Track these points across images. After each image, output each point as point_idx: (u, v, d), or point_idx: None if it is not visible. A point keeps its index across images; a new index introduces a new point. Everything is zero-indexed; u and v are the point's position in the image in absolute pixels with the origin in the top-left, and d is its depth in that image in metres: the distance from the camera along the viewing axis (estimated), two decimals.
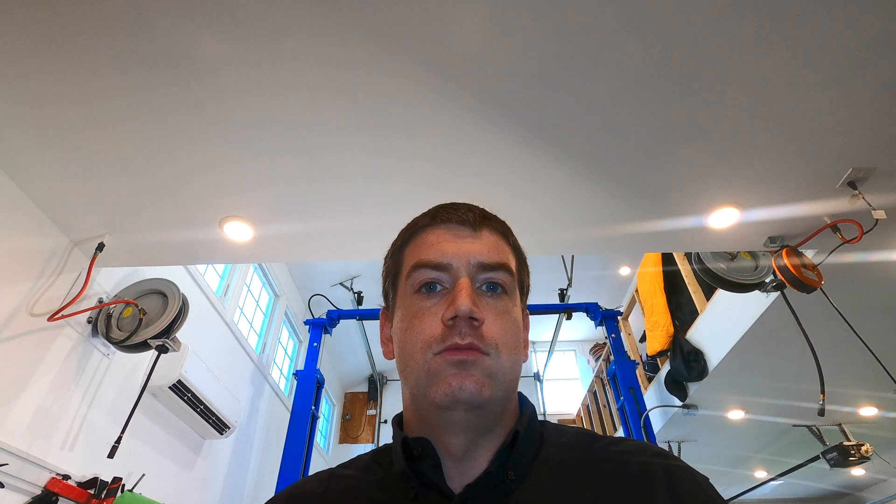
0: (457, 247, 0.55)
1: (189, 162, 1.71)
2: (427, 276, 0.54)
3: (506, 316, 0.53)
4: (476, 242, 0.55)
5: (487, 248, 0.55)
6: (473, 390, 0.48)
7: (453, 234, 0.56)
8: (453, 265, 0.53)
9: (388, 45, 1.36)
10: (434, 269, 0.54)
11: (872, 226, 1.79)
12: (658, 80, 1.46)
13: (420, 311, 0.53)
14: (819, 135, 1.62)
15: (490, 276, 0.54)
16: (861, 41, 1.34)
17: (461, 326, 0.50)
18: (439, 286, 0.53)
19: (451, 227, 0.57)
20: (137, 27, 1.30)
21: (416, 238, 0.58)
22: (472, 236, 0.56)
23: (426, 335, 0.51)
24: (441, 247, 0.55)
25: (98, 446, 2.16)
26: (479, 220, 0.57)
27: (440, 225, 0.57)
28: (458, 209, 0.58)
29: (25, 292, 1.85)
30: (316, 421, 3.94)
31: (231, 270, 3.80)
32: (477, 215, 0.58)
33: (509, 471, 0.50)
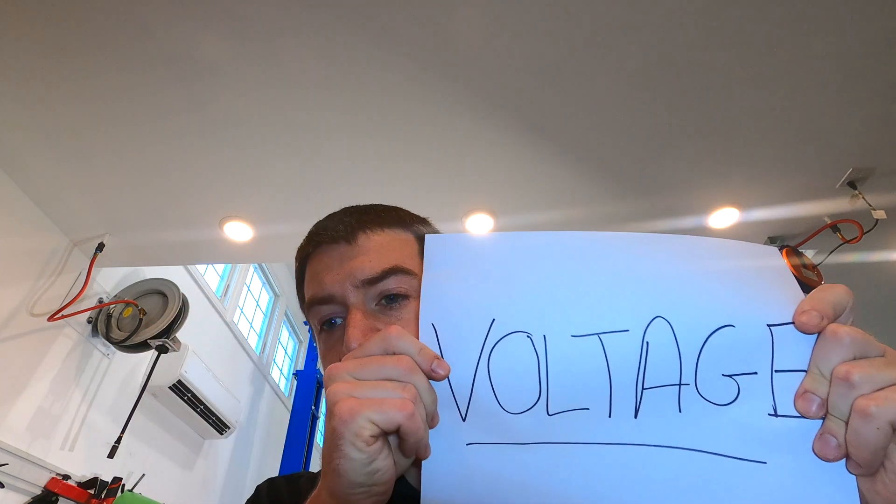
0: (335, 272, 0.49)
1: (189, 162, 1.71)
2: (320, 314, 0.50)
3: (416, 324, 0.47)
4: (354, 258, 0.49)
5: (368, 259, 0.49)
6: None
7: (329, 258, 0.51)
8: (336, 294, 0.48)
9: (389, 45, 1.36)
10: (322, 304, 0.49)
11: (872, 226, 1.79)
12: (658, 81, 1.46)
13: (326, 352, 0.50)
14: (819, 135, 1.62)
15: (381, 289, 0.48)
16: (861, 41, 1.34)
17: None
18: (338, 319, 0.49)
19: (325, 250, 0.51)
20: (137, 27, 1.30)
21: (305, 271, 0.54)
22: (349, 251, 0.50)
23: None
24: (320, 278, 0.50)
25: (98, 446, 2.16)
26: (353, 228, 0.51)
27: (315, 251, 0.53)
28: (329, 226, 0.53)
29: (25, 292, 1.85)
30: (316, 421, 3.94)
31: (231, 270, 3.80)
32: (348, 224, 0.52)
33: None
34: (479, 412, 0.35)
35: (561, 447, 0.33)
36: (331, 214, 0.56)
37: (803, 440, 0.30)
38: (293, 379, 4.38)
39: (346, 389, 0.34)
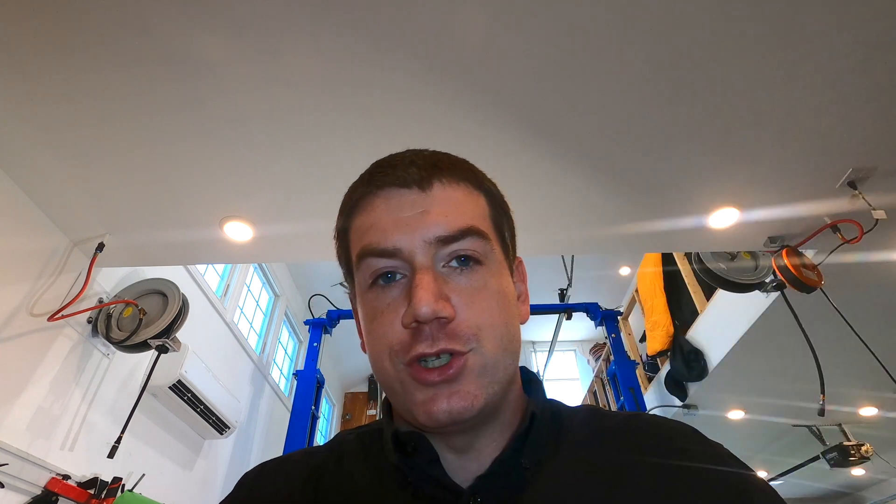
0: (403, 222, 0.43)
1: (189, 162, 1.71)
2: (376, 266, 0.44)
3: (485, 293, 0.43)
4: (427, 209, 0.44)
5: (444, 213, 0.44)
6: (462, 408, 0.41)
7: (395, 204, 0.44)
8: (403, 249, 0.43)
9: (389, 45, 1.36)
10: (381, 257, 0.43)
11: (872, 226, 1.79)
12: (658, 80, 1.46)
13: (378, 311, 0.44)
14: (819, 135, 1.61)
15: (455, 249, 0.43)
16: (861, 41, 1.34)
17: (427, 331, 0.41)
18: (397, 274, 0.43)
19: (391, 194, 0.45)
20: (137, 26, 1.30)
21: (356, 214, 0.47)
22: (421, 200, 0.44)
23: (389, 341, 0.42)
24: (383, 226, 0.44)
25: (98, 446, 2.16)
26: (427, 173, 0.46)
27: (377, 192, 0.46)
28: (397, 165, 0.46)
29: (25, 292, 1.85)
30: (316, 421, 3.94)
31: (231, 270, 3.80)
32: (422, 167, 0.46)
33: (523, 458, 0.44)
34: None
35: None
36: (394, 155, 0.49)
37: None
38: (293, 379, 4.38)
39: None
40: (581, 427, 0.50)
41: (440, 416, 0.41)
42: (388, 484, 0.47)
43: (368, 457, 0.50)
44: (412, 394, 0.42)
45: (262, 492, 0.51)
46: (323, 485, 0.49)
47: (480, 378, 0.42)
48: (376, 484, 0.47)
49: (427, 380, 0.41)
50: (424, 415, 0.41)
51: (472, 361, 0.42)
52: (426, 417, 0.41)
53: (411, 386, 0.42)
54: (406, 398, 0.43)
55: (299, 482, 0.50)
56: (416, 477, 0.45)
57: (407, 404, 0.43)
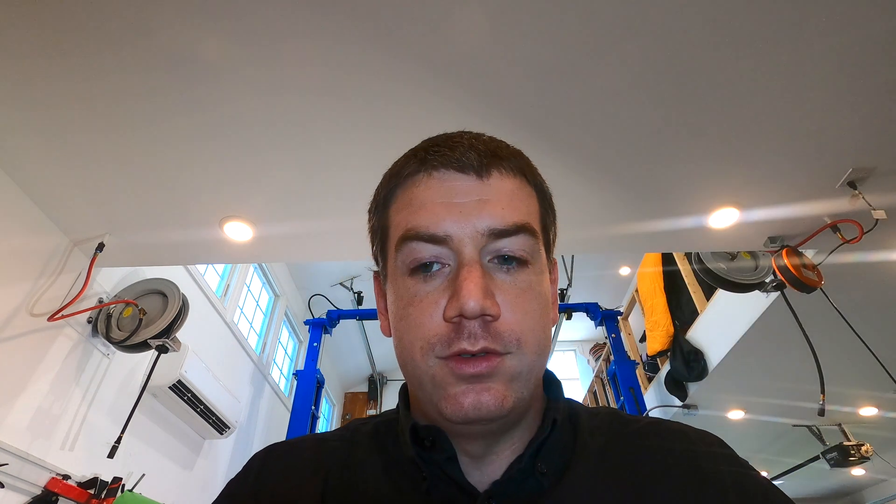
0: (457, 209, 0.41)
1: (189, 162, 1.71)
2: (420, 253, 0.41)
3: (528, 295, 0.41)
4: (484, 198, 0.41)
5: (500, 206, 0.41)
6: (493, 406, 0.39)
7: (451, 188, 0.42)
8: (454, 237, 0.40)
9: (388, 44, 1.36)
10: (429, 243, 0.41)
11: (872, 226, 1.79)
12: (658, 80, 1.46)
13: (416, 299, 0.41)
14: (819, 135, 1.61)
15: (506, 245, 0.41)
16: (861, 41, 1.34)
17: (470, 327, 0.39)
18: (438, 265, 0.41)
19: (446, 177, 0.42)
20: (137, 27, 1.30)
21: (403, 191, 0.44)
22: (478, 188, 0.42)
23: (426, 333, 0.40)
24: (435, 209, 0.41)
25: (98, 446, 2.16)
26: (487, 161, 0.43)
27: (432, 173, 0.43)
28: (456, 147, 0.43)
29: (25, 292, 1.85)
30: (316, 421, 3.94)
31: (231, 270, 3.80)
32: (482, 154, 0.43)
33: (540, 463, 0.43)
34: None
35: None
36: (449, 134, 0.46)
37: None
38: (293, 379, 4.38)
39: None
40: (602, 431, 0.48)
41: (468, 410, 0.39)
42: (400, 478, 0.46)
43: (381, 449, 0.49)
44: (444, 388, 0.40)
45: (269, 479, 0.50)
46: (333, 474, 0.48)
47: (513, 382, 0.41)
48: (389, 477, 0.46)
49: (465, 371, 0.39)
50: (454, 406, 0.39)
51: (508, 364, 0.40)
52: (455, 409, 0.39)
53: (444, 380, 0.40)
54: (435, 392, 0.41)
55: (309, 470, 0.49)
56: (432, 473, 0.44)
57: (435, 398, 0.41)
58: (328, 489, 0.47)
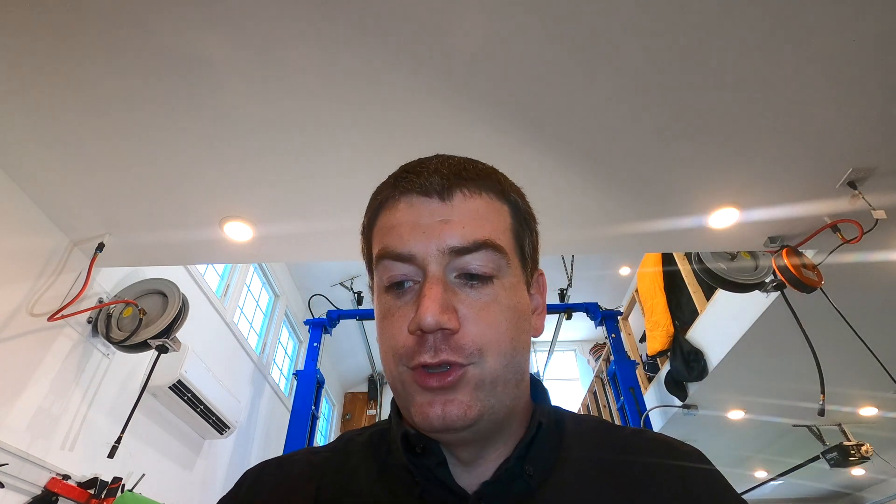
0: (420, 230, 0.44)
1: (189, 162, 1.71)
2: (392, 271, 0.45)
3: (492, 308, 0.43)
4: (445, 219, 0.44)
5: (462, 225, 0.44)
6: (457, 417, 0.41)
7: (416, 210, 0.45)
8: (417, 256, 0.43)
9: (389, 45, 1.36)
10: (398, 261, 0.44)
11: (872, 226, 1.79)
12: (658, 80, 1.46)
13: (388, 313, 0.45)
14: (819, 135, 1.61)
15: (467, 262, 0.43)
16: (861, 41, 1.34)
17: (430, 341, 0.41)
18: (409, 282, 0.44)
19: (412, 201, 0.45)
20: (137, 27, 1.30)
21: (380, 215, 0.48)
22: (440, 210, 0.44)
23: (396, 344, 0.44)
24: (401, 231, 0.44)
25: (98, 446, 2.16)
26: (450, 184, 0.45)
27: (399, 198, 0.46)
28: (421, 172, 0.46)
29: (25, 292, 1.85)
30: (316, 421, 3.94)
31: (231, 270, 3.80)
32: (445, 177, 0.45)
33: (527, 466, 0.45)
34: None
35: None
36: (422, 159, 0.49)
37: None
38: (293, 379, 4.38)
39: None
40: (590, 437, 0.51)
41: (434, 420, 0.41)
42: (393, 484, 0.48)
43: (375, 456, 0.51)
44: (412, 395, 0.43)
45: (261, 491, 0.51)
46: (325, 484, 0.49)
47: (478, 391, 0.42)
48: (382, 484, 0.48)
49: (427, 384, 0.42)
50: (420, 416, 0.42)
51: (472, 374, 0.42)
52: (422, 419, 0.42)
53: (412, 388, 0.43)
54: (406, 399, 0.44)
55: (300, 481, 0.51)
56: (424, 478, 0.46)
57: (406, 404, 0.44)
58: (321, 495, 0.49)
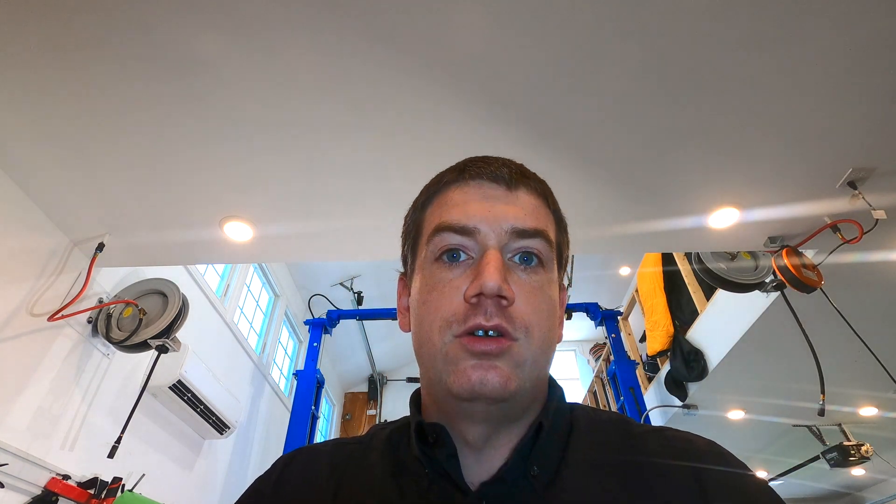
0: (487, 208, 0.47)
1: (189, 162, 1.71)
2: (450, 241, 0.46)
3: (540, 294, 0.46)
4: (510, 204, 0.47)
5: (524, 212, 0.47)
6: (498, 384, 0.42)
7: (483, 193, 0.48)
8: (481, 230, 0.45)
9: (389, 44, 1.36)
10: (458, 234, 0.46)
11: (872, 226, 1.79)
12: (658, 81, 1.46)
13: (439, 284, 0.46)
14: (819, 135, 1.61)
15: (525, 244, 0.46)
16: (861, 41, 1.34)
17: (487, 306, 0.43)
18: (464, 255, 0.46)
19: (481, 185, 0.48)
20: (137, 26, 1.30)
21: (441, 196, 0.50)
22: (505, 196, 0.48)
23: (445, 312, 0.44)
24: (468, 207, 0.47)
25: (98, 446, 2.16)
26: (516, 177, 0.49)
27: (469, 181, 0.49)
28: (491, 163, 0.50)
29: (25, 292, 1.85)
30: (316, 421, 3.94)
31: (231, 270, 3.80)
32: (513, 171, 0.49)
33: (533, 465, 0.45)
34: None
35: None
36: (484, 157, 0.52)
37: None
38: (293, 379, 4.38)
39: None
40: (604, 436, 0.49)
41: (475, 383, 0.42)
42: (404, 478, 0.48)
43: (394, 451, 0.52)
44: (456, 362, 0.43)
45: (291, 477, 0.54)
46: (347, 476, 0.51)
47: (519, 368, 0.43)
48: (394, 476, 0.49)
49: (476, 348, 0.43)
50: (463, 379, 0.42)
51: (516, 349, 0.43)
52: (463, 381, 0.42)
53: (457, 355, 0.43)
54: (446, 368, 0.44)
55: (326, 471, 0.52)
56: (433, 471, 0.47)
57: (445, 375, 0.44)
58: (340, 490, 0.50)
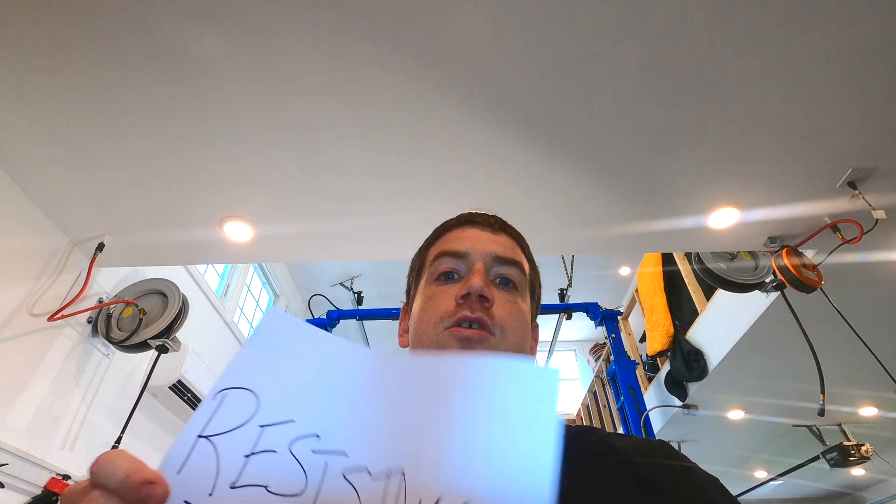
0: (476, 241, 0.60)
1: (189, 162, 1.71)
2: (447, 264, 0.58)
3: (515, 306, 0.56)
4: (494, 241, 0.61)
5: (504, 247, 0.60)
6: None
7: (476, 232, 0.62)
8: (471, 254, 0.58)
9: (389, 44, 1.36)
10: (453, 258, 0.58)
11: (872, 226, 1.79)
12: (658, 81, 1.46)
13: (436, 294, 0.57)
14: (819, 135, 1.61)
15: (503, 269, 0.58)
16: (861, 41, 1.34)
17: (472, 303, 0.53)
18: (457, 275, 0.58)
19: (474, 227, 0.63)
20: (137, 27, 1.30)
21: (443, 236, 0.64)
22: (491, 236, 0.62)
23: (439, 311, 0.55)
24: (462, 241, 0.61)
25: (98, 446, 2.16)
26: (500, 225, 0.64)
27: (465, 225, 0.64)
28: (483, 215, 0.66)
29: (25, 292, 1.85)
30: None
31: (231, 270, 3.80)
32: (498, 221, 0.65)
33: None
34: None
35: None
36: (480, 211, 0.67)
37: None
38: None
39: None
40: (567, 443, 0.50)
41: None
42: None
43: None
44: (445, 347, 0.52)
45: None
46: None
47: None
48: None
49: (462, 334, 0.52)
50: None
51: (494, 343, 0.53)
52: None
53: (447, 343, 0.52)
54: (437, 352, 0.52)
55: None
56: None
57: None
58: None
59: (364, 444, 0.32)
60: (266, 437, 0.32)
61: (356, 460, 0.32)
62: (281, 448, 0.32)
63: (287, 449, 0.32)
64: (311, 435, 0.32)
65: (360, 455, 0.32)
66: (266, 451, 0.32)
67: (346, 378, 0.35)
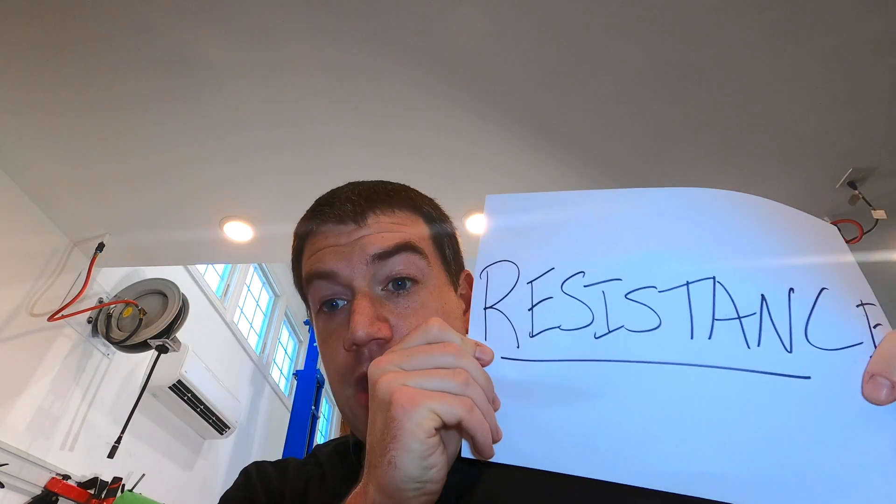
0: (339, 250, 0.47)
1: (189, 162, 1.71)
2: (321, 291, 0.47)
3: (422, 312, 0.45)
4: (361, 237, 0.47)
5: (378, 235, 0.46)
6: None
7: (335, 236, 0.48)
8: (340, 273, 0.45)
9: (390, 44, 1.37)
10: (326, 280, 0.46)
11: (872, 226, 1.79)
12: (658, 80, 1.46)
13: (326, 336, 0.47)
14: (819, 135, 1.62)
15: (391, 269, 0.45)
16: (861, 41, 1.34)
17: (367, 352, 0.43)
18: (341, 301, 0.46)
19: (330, 230, 0.49)
20: (137, 28, 1.30)
21: (304, 247, 0.52)
22: (356, 232, 0.47)
23: (337, 365, 0.45)
24: (326, 253, 0.47)
25: (98, 446, 2.16)
26: (362, 209, 0.48)
27: (317, 230, 0.50)
28: (334, 203, 0.50)
29: (25, 292, 1.85)
30: (316, 421, 3.94)
31: (231, 270, 3.80)
32: (356, 203, 0.49)
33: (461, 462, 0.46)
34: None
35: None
36: (335, 190, 0.53)
37: None
38: (293, 379, 4.38)
39: (400, 379, 0.32)
40: None
41: None
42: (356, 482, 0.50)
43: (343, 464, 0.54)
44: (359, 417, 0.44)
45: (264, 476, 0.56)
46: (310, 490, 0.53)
47: None
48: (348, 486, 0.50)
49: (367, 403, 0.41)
50: None
51: None
52: None
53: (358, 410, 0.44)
54: (355, 421, 0.45)
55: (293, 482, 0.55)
56: None
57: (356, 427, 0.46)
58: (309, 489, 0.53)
59: (638, 269, 0.36)
60: (537, 289, 0.37)
61: (635, 283, 0.35)
62: (555, 293, 0.36)
63: (560, 291, 0.36)
64: (577, 273, 0.37)
65: (637, 278, 0.35)
66: (543, 300, 0.36)
67: (583, 221, 0.42)
